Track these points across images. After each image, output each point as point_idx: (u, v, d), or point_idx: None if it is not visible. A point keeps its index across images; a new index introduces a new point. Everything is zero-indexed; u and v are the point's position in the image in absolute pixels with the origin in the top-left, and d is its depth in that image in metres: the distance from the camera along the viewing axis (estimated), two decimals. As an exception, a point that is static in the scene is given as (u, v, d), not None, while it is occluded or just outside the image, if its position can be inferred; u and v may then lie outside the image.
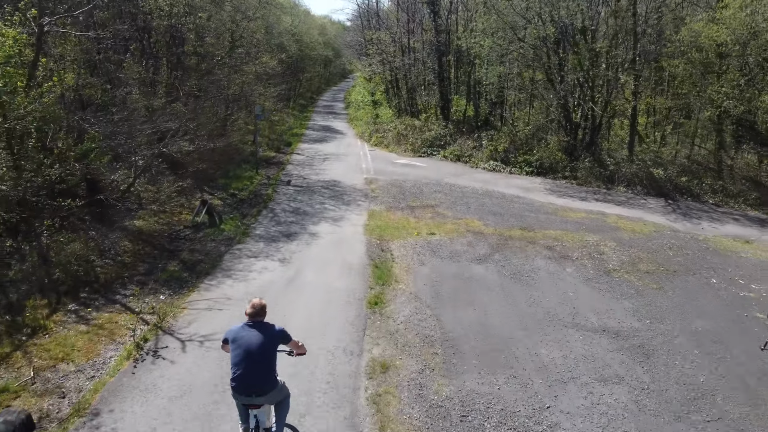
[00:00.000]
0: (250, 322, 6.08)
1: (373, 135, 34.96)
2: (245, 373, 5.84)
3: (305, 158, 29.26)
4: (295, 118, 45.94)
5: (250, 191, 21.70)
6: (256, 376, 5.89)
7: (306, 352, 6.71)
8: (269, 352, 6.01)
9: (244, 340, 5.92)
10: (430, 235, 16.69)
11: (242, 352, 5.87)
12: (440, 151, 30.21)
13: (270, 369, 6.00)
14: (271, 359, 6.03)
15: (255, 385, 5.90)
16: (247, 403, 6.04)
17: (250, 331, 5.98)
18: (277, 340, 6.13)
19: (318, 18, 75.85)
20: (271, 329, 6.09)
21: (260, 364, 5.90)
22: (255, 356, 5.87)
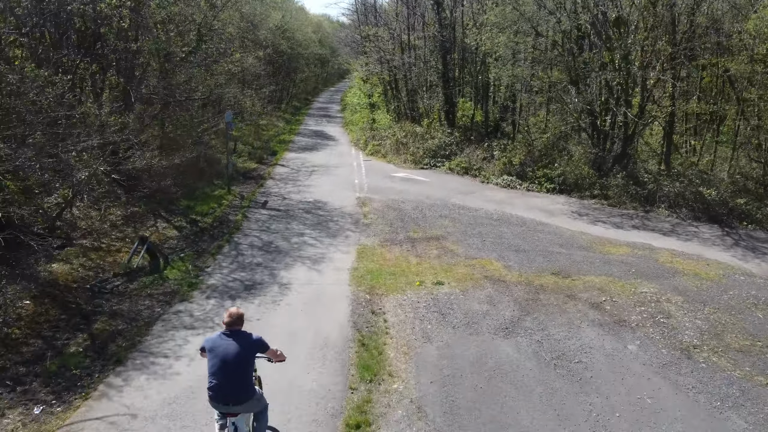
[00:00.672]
0: (227, 331, 5.96)
1: (369, 142, 30.83)
2: (221, 383, 5.77)
3: (290, 171, 25.11)
4: (285, 122, 41.80)
5: (215, 217, 17.57)
6: (232, 385, 5.81)
7: (285, 359, 6.64)
8: (246, 362, 5.93)
9: (221, 350, 5.82)
10: (437, 285, 12.58)
11: (218, 361, 5.79)
12: (445, 162, 26.09)
13: (246, 379, 5.94)
14: (248, 369, 5.97)
15: (231, 395, 5.82)
16: (224, 412, 5.90)
17: (227, 341, 5.88)
18: (254, 350, 6.04)
19: (314, 16, 71.70)
20: (248, 339, 5.98)
21: (236, 373, 5.82)
22: (231, 366, 5.78)
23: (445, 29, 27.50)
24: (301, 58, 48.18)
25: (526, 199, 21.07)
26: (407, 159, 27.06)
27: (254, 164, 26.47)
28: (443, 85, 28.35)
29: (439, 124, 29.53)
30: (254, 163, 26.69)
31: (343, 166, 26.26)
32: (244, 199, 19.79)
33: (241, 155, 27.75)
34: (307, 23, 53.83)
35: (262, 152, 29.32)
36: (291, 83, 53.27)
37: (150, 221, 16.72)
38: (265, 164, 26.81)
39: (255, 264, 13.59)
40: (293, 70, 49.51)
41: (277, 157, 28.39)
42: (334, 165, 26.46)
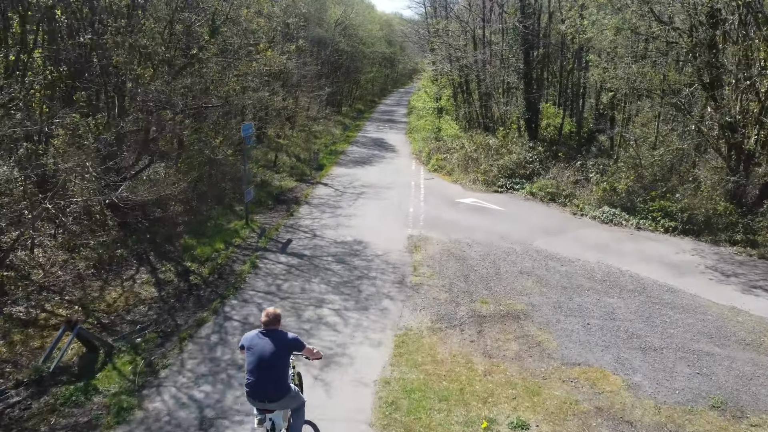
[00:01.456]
0: (264, 330, 6.02)
1: (432, 155, 25.68)
2: (257, 380, 5.86)
3: (332, 193, 20.40)
4: (343, 127, 37.34)
5: (216, 265, 13.08)
6: (268, 383, 5.89)
7: (322, 356, 6.76)
8: (281, 360, 5.96)
9: (258, 348, 5.90)
10: (517, 428, 7.37)
11: (255, 359, 5.86)
12: (525, 184, 20.58)
13: (282, 376, 5.97)
14: (284, 367, 6.00)
15: (267, 392, 5.90)
16: (261, 408, 5.96)
17: (263, 339, 5.94)
18: (289, 349, 6.07)
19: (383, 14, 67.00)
20: (283, 337, 6.02)
21: (272, 371, 5.88)
22: (267, 364, 5.85)
23: (529, 18, 21.89)
24: (364, 57, 43.54)
25: (638, 244, 15.28)
26: (477, 179, 21.71)
27: (293, 182, 21.97)
28: (524, 87, 22.75)
29: (518, 135, 23.95)
30: (294, 180, 22.20)
31: (398, 187, 21.28)
32: (263, 237, 15.22)
33: (281, 170, 23.38)
34: (374, 20, 49.15)
35: (307, 166, 24.86)
36: (354, 85, 48.90)
37: (129, 269, 12.45)
38: (306, 182, 22.26)
39: (237, 366, 8.84)
40: (355, 71, 45.02)
41: (323, 173, 23.80)
42: (387, 185, 21.53)
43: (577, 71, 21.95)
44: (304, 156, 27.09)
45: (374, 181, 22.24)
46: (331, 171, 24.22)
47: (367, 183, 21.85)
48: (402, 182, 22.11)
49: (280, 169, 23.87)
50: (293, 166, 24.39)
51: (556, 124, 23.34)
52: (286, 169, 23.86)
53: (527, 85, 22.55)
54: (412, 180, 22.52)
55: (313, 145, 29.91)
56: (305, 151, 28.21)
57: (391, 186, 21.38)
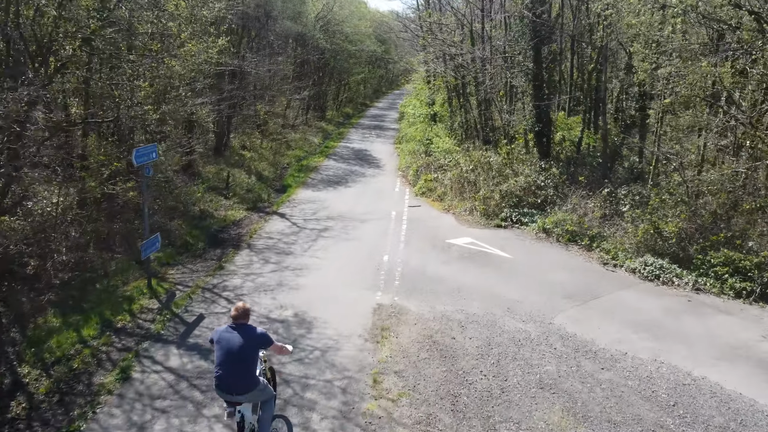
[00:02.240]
0: (233, 324, 6.02)
1: (421, 174, 20.89)
2: (225, 373, 5.85)
3: (287, 229, 15.60)
4: (324, 135, 32.52)
5: (67, 372, 8.27)
6: (236, 376, 5.87)
7: (290, 352, 6.74)
8: (249, 354, 5.94)
9: (225, 342, 5.90)
10: None
11: (223, 353, 5.88)
12: (536, 217, 15.85)
13: (249, 369, 5.95)
14: (251, 360, 5.98)
15: (235, 385, 5.88)
16: (228, 400, 5.99)
17: (232, 333, 5.94)
18: (257, 343, 6.04)
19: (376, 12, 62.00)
20: (252, 332, 6.01)
21: (240, 364, 5.87)
22: (235, 357, 5.85)
23: (541, 3, 17.01)
24: (349, 56, 38.64)
25: (704, 320, 10.50)
26: (475, 208, 16.91)
27: (243, 212, 17.16)
28: (533, 92, 17.89)
29: (525, 152, 19.13)
30: (244, 209, 17.39)
31: (375, 219, 16.49)
32: (165, 310, 10.40)
33: (234, 194, 18.59)
34: (364, 16, 44.22)
35: (267, 188, 20.08)
36: (342, 86, 44.05)
37: None
38: (260, 211, 17.47)
39: None
40: (342, 71, 40.13)
41: (285, 197, 18.99)
42: (361, 216, 16.73)
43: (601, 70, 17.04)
44: (269, 173, 22.29)
45: (346, 209, 17.43)
46: (296, 194, 19.39)
47: (335, 213, 17.04)
48: (381, 212, 17.30)
49: (234, 191, 19.07)
50: (250, 188, 19.57)
51: (573, 138, 18.47)
52: (241, 192, 19.07)
53: (537, 90, 17.70)
54: (393, 209, 17.70)
55: (284, 158, 25.11)
56: (272, 166, 23.41)
57: (365, 218, 16.57)
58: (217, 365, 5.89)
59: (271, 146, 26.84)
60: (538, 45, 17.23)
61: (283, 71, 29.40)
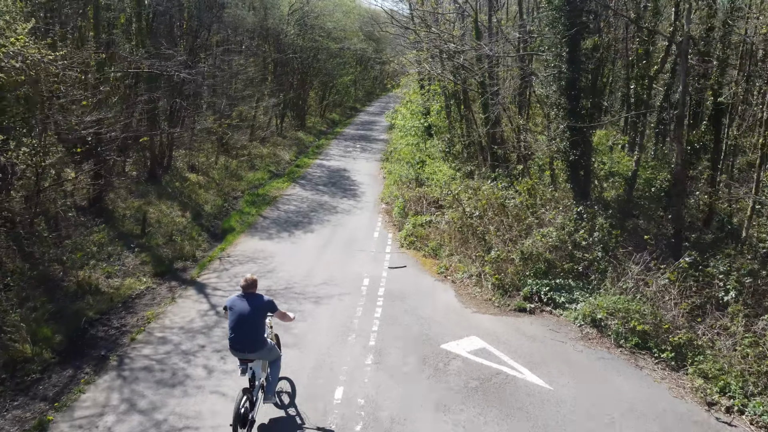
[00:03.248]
0: (243, 293, 6.73)
1: (409, 212, 15.34)
2: (237, 335, 6.60)
3: (197, 319, 10.00)
4: (299, 149, 26.87)
5: None
6: (246, 337, 6.58)
7: (293, 319, 7.33)
8: (257, 318, 6.67)
9: (237, 308, 6.63)
10: None
11: (236, 317, 6.60)
12: (577, 296, 10.32)
13: (258, 332, 6.66)
14: (260, 324, 6.72)
15: (246, 345, 6.60)
16: (241, 359, 6.68)
17: (243, 301, 6.66)
18: (264, 309, 6.75)
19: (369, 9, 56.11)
20: (260, 299, 6.72)
21: (250, 327, 6.59)
22: (245, 321, 6.57)
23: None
24: (331, 55, 32.90)
25: None
26: (485, 274, 11.36)
27: (148, 280, 11.58)
28: (568, 104, 12.23)
29: (551, 188, 13.51)
30: (151, 276, 11.81)
31: (337, 295, 10.94)
32: None
33: (152, 243, 13.05)
34: (351, 11, 38.47)
35: (201, 232, 14.52)
36: (328, 89, 38.34)
37: None
38: (174, 278, 11.91)
39: None
40: (326, 73, 34.43)
41: (218, 251, 13.41)
42: (317, 289, 11.16)
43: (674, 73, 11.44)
44: (212, 207, 16.71)
45: (298, 275, 11.85)
46: (235, 246, 13.78)
47: (282, 283, 11.47)
48: (348, 279, 11.72)
49: (150, 240, 13.50)
50: (177, 234, 14.00)
51: (625, 171, 12.80)
52: (160, 241, 13.50)
53: (572, 101, 12.06)
54: (367, 272, 12.13)
55: (239, 183, 19.51)
56: (220, 195, 17.81)
57: (323, 293, 11.00)
58: (230, 328, 6.65)
59: (232, 165, 21.27)
60: (576, 37, 11.58)
61: (247, 73, 23.80)
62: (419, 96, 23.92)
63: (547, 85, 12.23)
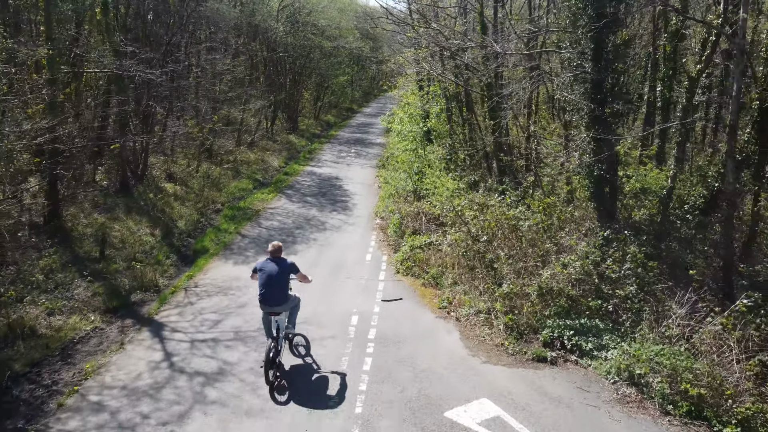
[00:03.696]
0: (271, 257, 7.95)
1: (406, 230, 13.50)
2: (267, 292, 7.76)
3: (144, 374, 8.13)
4: (289, 154, 25.01)
5: None
6: (274, 293, 7.78)
7: (310, 281, 8.51)
8: (283, 278, 7.87)
9: (267, 269, 7.82)
10: None
11: (265, 277, 7.78)
12: (606, 340, 8.49)
13: (284, 289, 7.88)
14: (285, 282, 7.91)
15: (273, 300, 7.80)
16: (268, 312, 7.85)
17: (271, 263, 7.87)
18: (288, 271, 7.95)
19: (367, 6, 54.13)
20: (284, 262, 7.95)
21: (277, 285, 7.78)
22: (273, 280, 7.76)
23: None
24: (325, 54, 31.00)
25: None
26: (495, 311, 9.49)
27: (96, 318, 9.74)
28: (591, 113, 10.34)
29: (570, 207, 11.64)
30: (101, 313, 9.93)
31: (318, 339, 9.06)
32: None
33: (111, 268, 11.22)
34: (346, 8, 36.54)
35: (170, 254, 12.67)
36: (322, 91, 36.44)
37: None
38: (130, 314, 10.07)
39: None
40: (320, 73, 32.54)
41: (185, 278, 11.53)
42: (297, 328, 9.26)
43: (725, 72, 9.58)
44: (186, 222, 14.85)
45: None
46: (206, 271, 11.89)
47: (255, 323, 9.59)
48: (334, 317, 9.86)
49: (110, 264, 11.65)
50: (142, 256, 12.14)
51: (657, 187, 10.90)
52: (120, 266, 11.65)
53: (598, 105, 10.17)
54: (357, 306, 10.27)
55: (220, 195, 17.63)
56: (197, 209, 15.93)
57: (305, 333, 9.12)
58: (261, 286, 7.78)
59: (215, 173, 19.41)
60: (605, 31, 9.69)
61: (233, 73, 21.92)
62: (418, 98, 22.05)
63: (568, 87, 10.36)
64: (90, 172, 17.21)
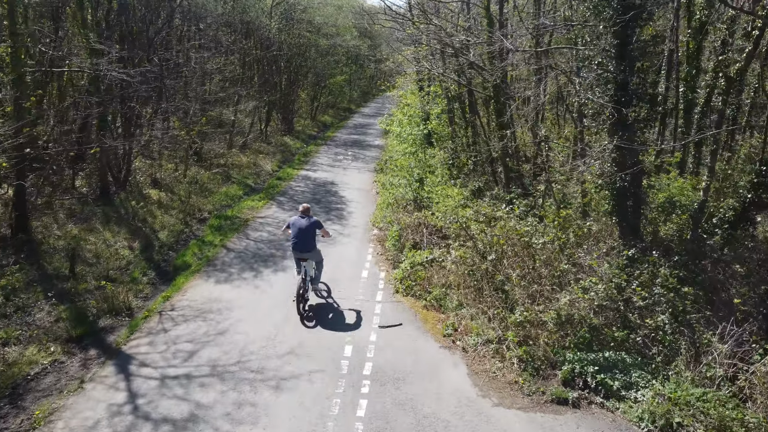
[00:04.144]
0: (301, 215, 9.86)
1: (405, 243, 12.34)
2: (299, 242, 9.60)
3: (103, 421, 6.91)
4: (283, 157, 23.87)
5: None
6: (303, 243, 9.60)
7: (331, 236, 11.16)
8: (311, 231, 9.67)
9: (298, 224, 9.71)
10: None
11: (297, 230, 9.65)
12: (635, 377, 7.37)
13: (311, 240, 9.66)
14: (312, 235, 9.70)
15: (303, 248, 9.61)
16: (298, 258, 9.70)
17: (301, 219, 9.75)
18: (315, 226, 9.77)
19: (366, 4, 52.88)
20: (312, 219, 9.83)
21: (306, 236, 9.61)
22: (303, 232, 9.61)
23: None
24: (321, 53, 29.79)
25: None
26: (507, 341, 8.32)
27: (57, 349, 8.57)
28: (614, 118, 9.18)
29: (586, 221, 10.49)
30: (62, 342, 8.76)
31: (305, 375, 7.94)
32: None
33: (81, 288, 10.07)
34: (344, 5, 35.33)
35: (148, 270, 11.52)
36: (319, 90, 35.25)
37: None
38: (96, 343, 8.90)
39: None
40: (317, 73, 31.35)
41: (161, 299, 10.35)
42: (279, 365, 8.13)
43: None
44: (168, 234, 13.68)
45: (258, 341, 8.84)
46: (185, 292, 10.72)
47: (234, 354, 8.44)
48: (324, 348, 8.71)
49: (80, 283, 10.50)
50: (111, 275, 10.99)
51: (686, 200, 9.72)
52: (90, 285, 10.50)
53: (621, 105, 9.02)
54: (349, 337, 9.12)
55: (207, 202, 16.46)
56: (180, 219, 14.76)
57: (287, 371, 7.99)
58: (293, 237, 9.64)
59: (203, 178, 18.25)
60: (631, 24, 8.54)
61: (223, 73, 20.75)
62: (418, 99, 20.89)
63: (589, 89, 9.20)
64: (69, 177, 16.10)
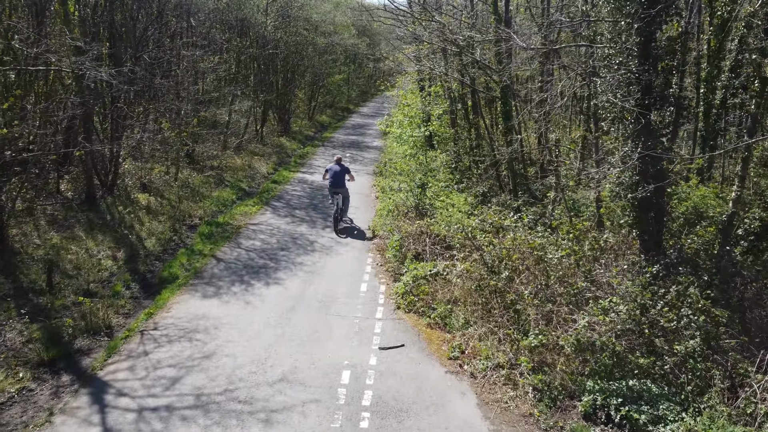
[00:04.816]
0: (336, 163, 13.91)
1: (407, 253, 11.54)
2: (335, 181, 13.61)
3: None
4: (279, 159, 23.08)
5: None
6: (338, 181, 13.63)
7: (354, 180, 14.67)
8: (343, 174, 13.73)
9: (334, 169, 13.76)
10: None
11: (333, 173, 13.70)
12: (663, 410, 6.63)
13: (342, 179, 13.70)
14: (344, 177, 13.73)
15: (337, 185, 13.66)
16: (333, 192, 13.79)
17: (337, 166, 13.82)
18: (346, 171, 13.85)
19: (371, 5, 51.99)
20: (344, 166, 13.95)
21: (340, 177, 13.66)
22: (338, 174, 13.67)
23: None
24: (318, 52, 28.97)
25: None
26: (520, 367, 7.55)
27: (26, 375, 7.77)
28: (637, 122, 8.40)
29: (604, 233, 9.72)
30: (31, 368, 7.97)
31: (299, 405, 7.18)
32: None
33: (58, 303, 9.25)
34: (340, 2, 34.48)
35: (132, 283, 10.73)
36: (316, 90, 34.42)
37: None
38: (70, 368, 8.10)
39: None
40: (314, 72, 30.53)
41: (144, 316, 9.55)
42: (269, 394, 7.36)
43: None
44: (155, 242, 12.89)
45: (247, 366, 8.06)
46: (168, 310, 9.91)
47: (221, 383, 7.67)
48: (319, 375, 7.93)
49: (57, 298, 9.70)
50: (91, 288, 10.19)
51: (714, 212, 8.98)
52: (68, 300, 9.71)
53: (646, 107, 8.25)
54: (347, 361, 8.34)
55: (198, 207, 15.65)
56: (169, 227, 13.95)
57: (278, 402, 7.21)
58: (331, 177, 13.65)
59: (195, 181, 17.46)
60: (657, 20, 7.77)
61: (216, 72, 19.94)
62: (418, 99, 20.09)
63: (609, 90, 8.44)
64: (54, 181, 15.30)
